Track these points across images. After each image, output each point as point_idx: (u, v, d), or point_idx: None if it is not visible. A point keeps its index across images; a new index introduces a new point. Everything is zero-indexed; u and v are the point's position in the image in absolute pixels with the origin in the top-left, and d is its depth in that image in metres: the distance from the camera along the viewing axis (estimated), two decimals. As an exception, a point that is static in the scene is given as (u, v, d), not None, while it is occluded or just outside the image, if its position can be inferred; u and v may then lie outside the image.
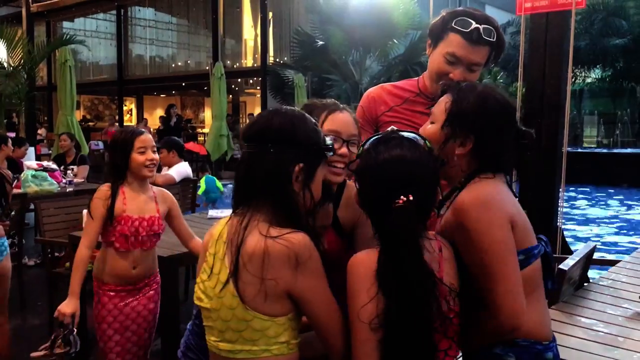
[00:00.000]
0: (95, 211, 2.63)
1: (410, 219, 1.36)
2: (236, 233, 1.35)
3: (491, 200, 1.47)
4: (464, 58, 1.95)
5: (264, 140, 1.39)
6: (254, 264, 1.30)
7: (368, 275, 1.35)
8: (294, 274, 1.30)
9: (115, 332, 2.65)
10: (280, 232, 1.32)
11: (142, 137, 2.67)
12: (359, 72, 14.38)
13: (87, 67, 22.59)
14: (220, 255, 1.38)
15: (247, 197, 1.40)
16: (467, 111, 1.53)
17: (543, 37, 4.18)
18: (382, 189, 1.39)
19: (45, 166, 6.18)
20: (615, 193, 12.75)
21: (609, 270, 3.15)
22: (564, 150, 4.07)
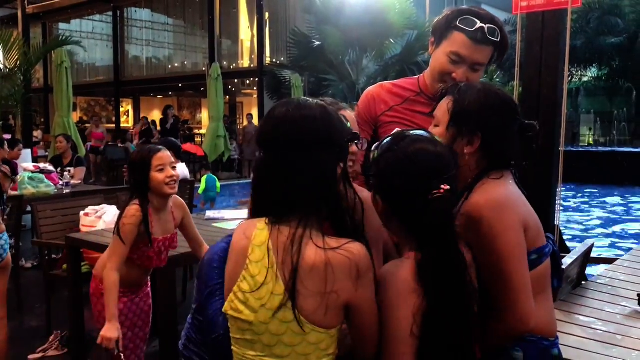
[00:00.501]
0: (129, 236, 2.57)
1: (451, 208, 1.34)
2: (290, 245, 1.25)
3: (505, 202, 1.48)
4: (468, 57, 1.92)
5: (301, 141, 1.29)
6: (315, 278, 1.23)
7: (407, 283, 1.30)
8: (355, 285, 1.24)
9: (128, 329, 2.71)
10: (339, 243, 1.25)
11: (159, 155, 2.62)
12: (355, 72, 14.40)
13: (84, 68, 22.55)
14: (268, 263, 1.27)
15: (289, 205, 1.29)
16: (471, 108, 1.53)
17: (539, 36, 4.19)
18: (416, 182, 1.34)
19: (41, 168, 6.17)
20: (612, 191, 12.77)
21: (607, 268, 3.15)
22: (560, 149, 4.07)
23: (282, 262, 1.25)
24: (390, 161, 1.38)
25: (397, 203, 1.37)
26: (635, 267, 3.12)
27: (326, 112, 1.32)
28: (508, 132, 1.54)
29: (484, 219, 1.43)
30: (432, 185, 1.32)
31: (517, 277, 1.42)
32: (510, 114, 1.56)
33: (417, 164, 1.35)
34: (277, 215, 1.30)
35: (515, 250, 1.44)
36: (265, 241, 1.28)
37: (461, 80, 1.91)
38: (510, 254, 1.43)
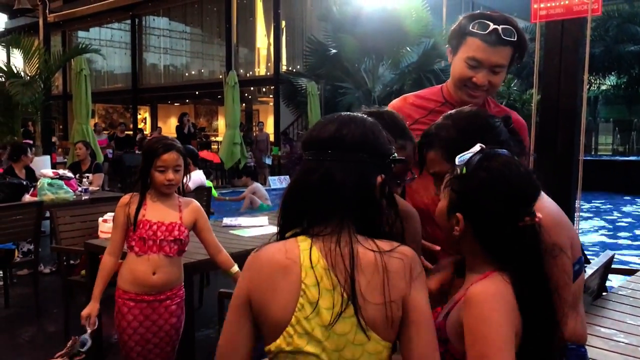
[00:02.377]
0: (116, 219, 2.71)
1: (540, 238, 1.30)
2: (340, 255, 1.17)
3: (562, 217, 1.52)
4: (485, 61, 1.92)
5: (343, 146, 1.24)
6: (374, 286, 1.16)
7: (510, 302, 1.25)
8: (408, 288, 1.18)
9: (137, 343, 2.64)
10: (391, 245, 1.20)
11: (164, 157, 2.62)
12: (371, 80, 14.40)
13: (102, 76, 22.82)
14: (328, 285, 1.17)
15: (327, 210, 1.22)
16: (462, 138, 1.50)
17: (558, 45, 4.16)
18: (510, 206, 1.28)
19: (61, 174, 6.23)
20: (633, 201, 12.61)
21: (628, 279, 3.11)
22: (580, 158, 4.03)
23: (339, 275, 1.17)
24: (485, 181, 1.31)
25: (483, 225, 1.30)
26: (657, 279, 3.07)
27: (377, 125, 1.30)
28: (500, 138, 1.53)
29: (550, 235, 1.39)
30: (523, 211, 1.29)
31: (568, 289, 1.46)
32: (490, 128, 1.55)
33: (513, 187, 1.30)
34: (313, 224, 1.23)
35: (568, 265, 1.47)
36: (315, 260, 1.18)
37: (482, 84, 1.93)
38: (567, 268, 1.46)
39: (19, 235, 5.05)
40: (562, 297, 1.40)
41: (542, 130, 4.33)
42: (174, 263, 2.72)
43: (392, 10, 13.21)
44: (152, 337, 2.66)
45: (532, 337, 1.25)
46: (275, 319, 1.19)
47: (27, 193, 5.68)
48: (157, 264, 2.65)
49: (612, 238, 9.04)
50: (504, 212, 1.28)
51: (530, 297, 1.26)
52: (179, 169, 2.68)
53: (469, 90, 1.98)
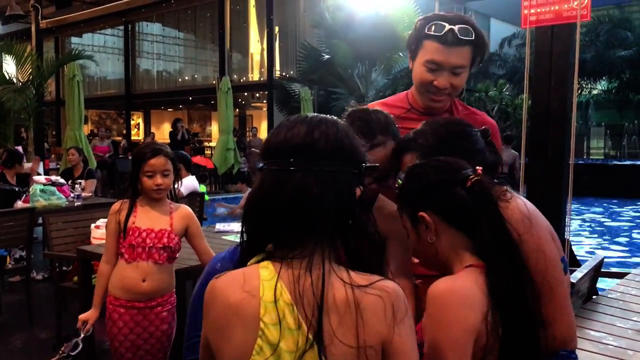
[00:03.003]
0: (108, 227, 2.72)
1: (490, 188, 1.35)
2: (309, 287, 1.00)
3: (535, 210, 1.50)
4: (444, 63, 1.88)
5: (318, 154, 1.05)
6: (347, 327, 0.99)
7: (467, 303, 1.24)
8: (390, 331, 1.01)
9: (127, 350, 2.64)
10: (368, 280, 1.02)
11: (151, 162, 2.63)
12: (364, 86, 14.45)
13: (95, 82, 22.76)
14: (291, 324, 0.99)
15: (302, 230, 1.04)
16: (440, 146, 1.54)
17: (548, 50, 4.19)
18: (451, 173, 1.36)
19: (53, 180, 6.21)
20: (623, 205, 12.68)
21: (618, 282, 3.13)
22: (570, 162, 4.06)
23: (305, 311, 0.99)
24: (419, 171, 1.41)
25: (442, 203, 1.35)
26: (646, 282, 3.10)
27: (351, 131, 1.13)
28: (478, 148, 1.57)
29: (530, 234, 1.43)
30: (467, 173, 1.35)
31: (560, 282, 1.46)
32: (467, 136, 1.58)
33: (442, 162, 1.39)
34: (284, 249, 1.04)
35: (557, 258, 1.48)
36: (280, 292, 1.01)
37: (444, 87, 1.90)
38: (554, 260, 1.46)
39: (11, 241, 5.03)
40: (553, 289, 1.42)
41: (533, 135, 4.37)
42: (164, 270, 2.70)
43: (384, 16, 13.27)
44: (143, 344, 2.65)
45: (510, 333, 1.25)
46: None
47: (19, 199, 5.67)
48: (146, 271, 2.64)
49: (601, 241, 9.09)
50: (447, 180, 1.34)
51: (505, 287, 1.25)
52: (167, 174, 2.68)
53: (432, 95, 1.95)
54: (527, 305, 1.28)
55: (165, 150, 2.71)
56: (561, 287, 1.46)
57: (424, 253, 1.42)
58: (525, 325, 1.27)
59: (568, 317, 1.47)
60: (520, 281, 1.28)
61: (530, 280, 1.31)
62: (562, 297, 1.46)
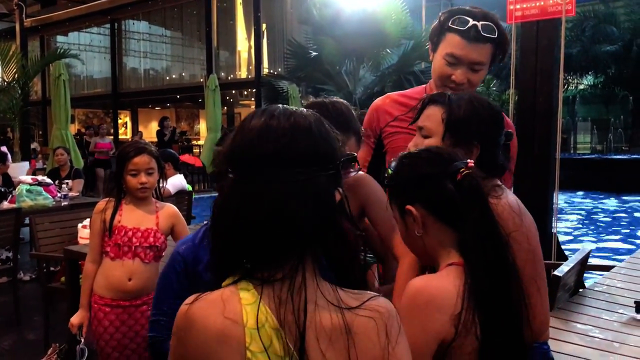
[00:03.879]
0: (93, 226, 2.70)
1: (480, 183, 1.31)
2: (291, 310, 0.92)
3: (523, 207, 1.51)
4: (464, 58, 1.86)
5: (291, 162, 0.94)
6: (338, 351, 0.91)
7: (436, 304, 1.22)
8: (384, 353, 0.93)
9: (114, 349, 2.62)
10: (359, 299, 0.95)
11: (135, 160, 2.62)
12: (352, 82, 14.44)
13: (82, 80, 22.58)
14: (279, 350, 0.91)
15: (280, 250, 0.94)
16: (467, 118, 1.52)
17: (534, 45, 4.22)
18: (440, 165, 1.33)
19: (39, 180, 6.17)
20: (609, 199, 12.78)
21: (604, 275, 3.16)
22: (557, 157, 4.09)
23: (290, 335, 0.92)
24: (408, 163, 1.38)
25: (430, 196, 1.32)
26: (632, 275, 3.13)
27: (322, 123, 1.01)
28: (499, 141, 1.56)
29: (532, 232, 1.46)
30: (458, 165, 1.31)
31: (544, 283, 1.48)
32: (501, 123, 1.58)
33: (433, 153, 1.37)
34: (264, 268, 0.94)
35: (541, 257, 1.50)
36: (265, 317, 0.92)
37: (461, 82, 1.89)
38: (541, 257, 1.49)
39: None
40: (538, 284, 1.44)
41: (520, 130, 4.39)
42: (150, 269, 2.68)
43: (371, 13, 13.26)
44: (129, 343, 2.64)
45: (491, 334, 1.23)
46: None
47: (5, 200, 5.62)
48: (132, 269, 2.63)
49: (588, 235, 9.17)
50: (437, 172, 1.31)
51: (486, 287, 1.24)
52: (152, 172, 2.67)
53: (448, 89, 1.92)
54: (512, 305, 1.27)
55: (149, 148, 2.71)
56: (544, 284, 1.49)
57: (412, 245, 1.41)
58: (508, 325, 1.26)
59: (545, 311, 1.49)
60: (505, 280, 1.26)
61: (517, 280, 1.29)
62: (544, 294, 1.48)
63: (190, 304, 0.95)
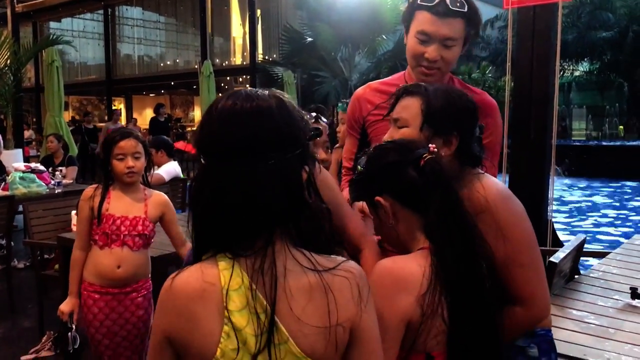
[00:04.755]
0: (81, 213, 2.67)
1: (444, 167, 1.34)
2: (269, 275, 1.00)
3: (511, 193, 1.50)
4: (435, 34, 1.85)
5: (256, 147, 1.01)
6: (317, 308, 1.01)
7: (400, 286, 1.24)
8: (358, 310, 1.04)
9: (104, 336, 2.61)
10: (334, 262, 1.05)
11: (121, 144, 2.60)
12: (348, 69, 14.40)
13: (75, 67, 22.43)
14: (260, 307, 1.01)
15: (251, 228, 1.02)
16: (446, 109, 1.51)
17: (530, 31, 4.19)
18: (404, 154, 1.36)
19: (33, 168, 6.13)
20: (604, 185, 12.82)
21: (600, 262, 3.16)
22: (552, 143, 4.08)
23: (267, 297, 1.00)
24: (374, 155, 1.41)
25: (396, 185, 1.35)
26: (627, 261, 3.13)
27: (283, 104, 1.06)
28: (475, 132, 1.57)
29: (499, 210, 1.43)
30: (420, 152, 1.34)
31: (537, 265, 1.45)
32: (476, 115, 1.57)
33: (398, 144, 1.42)
34: (238, 244, 1.03)
35: (532, 238, 1.47)
36: (239, 281, 1.01)
37: (434, 59, 1.87)
38: (529, 243, 1.45)
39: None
40: (527, 269, 1.42)
41: (516, 116, 4.37)
42: (139, 256, 2.68)
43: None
44: (119, 330, 2.63)
45: (458, 316, 1.24)
46: (199, 353, 1.01)
47: (-2, 187, 5.59)
48: (121, 257, 2.61)
49: (584, 221, 9.20)
50: (401, 160, 1.35)
51: (451, 269, 1.25)
52: (138, 156, 2.64)
53: (423, 69, 1.92)
54: (479, 286, 1.27)
55: (136, 133, 2.70)
56: (540, 263, 1.47)
57: (387, 237, 1.43)
58: (476, 307, 1.26)
59: (545, 294, 1.47)
60: (470, 261, 1.28)
61: (486, 261, 1.31)
62: (542, 279, 1.46)
63: (173, 277, 1.04)
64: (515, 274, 1.42)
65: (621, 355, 1.93)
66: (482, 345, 1.27)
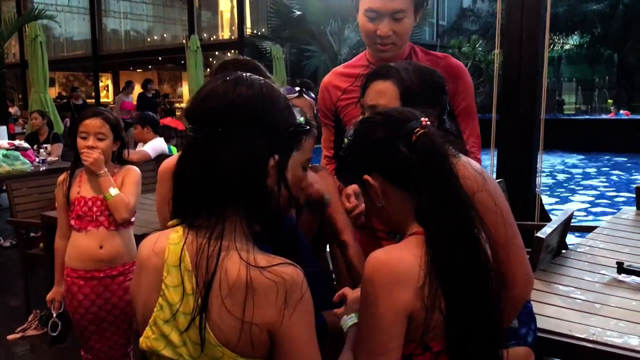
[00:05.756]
0: (57, 200, 2.64)
1: (440, 140, 1.24)
2: (205, 256, 1.03)
3: (486, 172, 1.45)
4: (383, 9, 1.84)
5: (229, 123, 1.06)
6: (236, 300, 1.02)
7: (398, 276, 1.15)
8: (279, 317, 1.02)
9: (90, 323, 2.55)
10: (269, 262, 1.03)
11: (86, 122, 2.51)
12: (337, 43, 14.26)
13: (61, 43, 22.08)
14: (189, 289, 1.04)
15: (208, 201, 1.07)
16: (423, 88, 1.49)
17: (520, 4, 4.14)
18: (395, 128, 1.24)
19: (17, 145, 6.04)
20: (592, 159, 12.87)
21: (586, 236, 3.16)
22: (541, 117, 4.05)
23: (200, 278, 1.03)
24: (362, 130, 1.30)
25: (386, 163, 1.24)
26: (614, 235, 3.12)
27: (271, 94, 1.11)
28: (447, 106, 1.56)
29: (486, 191, 1.37)
30: (411, 126, 1.23)
31: (520, 243, 1.43)
32: (445, 89, 1.55)
33: (387, 116, 1.29)
34: (193, 216, 1.08)
35: (511, 215, 1.44)
36: (184, 257, 1.05)
37: (386, 34, 1.87)
38: (512, 220, 1.43)
39: (-26, 209, 4.91)
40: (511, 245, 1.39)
41: (505, 90, 4.34)
42: (121, 235, 2.60)
43: (356, -29, 13.03)
44: (106, 315, 2.57)
45: (455, 306, 1.16)
46: (141, 316, 1.11)
47: (-18, 165, 5.50)
48: (100, 237, 2.54)
49: (571, 195, 9.24)
50: (391, 136, 1.23)
51: (447, 256, 1.16)
52: (102, 138, 2.53)
53: (378, 46, 1.92)
54: (478, 275, 1.19)
55: (106, 114, 2.58)
56: (518, 241, 1.43)
57: (378, 216, 1.33)
58: (475, 297, 1.18)
59: (526, 271, 1.44)
60: (468, 248, 1.19)
61: (484, 245, 1.22)
62: (520, 251, 1.43)
63: (142, 241, 1.15)
64: (514, 256, 1.40)
65: (606, 330, 1.92)
66: (482, 334, 1.21)
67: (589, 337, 1.87)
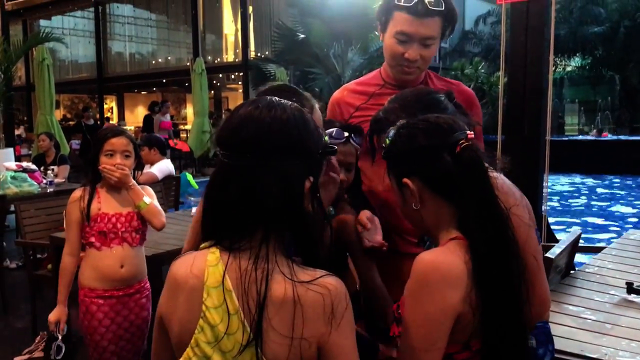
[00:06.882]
0: (70, 216, 2.59)
1: (481, 156, 1.26)
2: (253, 279, 1.04)
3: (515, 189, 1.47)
4: (415, 34, 1.85)
5: (269, 150, 1.08)
6: (283, 318, 1.03)
7: (449, 280, 1.18)
8: (328, 328, 1.04)
9: (110, 342, 2.55)
10: (312, 275, 1.06)
11: (112, 140, 2.56)
12: (341, 65, 14.36)
13: (66, 65, 22.28)
14: (232, 309, 1.05)
15: (248, 225, 1.09)
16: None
17: (524, 26, 4.18)
18: (439, 137, 1.26)
19: (24, 167, 6.08)
20: (599, 180, 12.86)
21: (595, 257, 3.16)
22: (547, 138, 4.07)
23: (246, 301, 1.04)
24: (407, 133, 1.31)
25: (428, 170, 1.27)
26: (622, 255, 3.12)
27: (302, 117, 1.14)
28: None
29: (522, 206, 1.40)
30: (457, 137, 1.25)
31: (541, 262, 1.44)
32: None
33: (432, 123, 1.30)
34: (232, 238, 1.09)
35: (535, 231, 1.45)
36: (220, 279, 1.06)
37: (414, 59, 1.88)
38: (535, 237, 1.43)
39: (-18, 230, 4.92)
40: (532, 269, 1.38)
41: (510, 112, 4.37)
42: (138, 254, 2.64)
43: (359, -6, 13.16)
44: (124, 333, 2.58)
45: (493, 314, 1.19)
46: (177, 337, 1.10)
47: (-11, 187, 5.53)
48: (122, 256, 2.56)
49: (578, 217, 9.22)
50: (435, 145, 1.26)
51: (489, 265, 1.19)
52: (128, 155, 2.59)
53: (403, 67, 1.93)
54: (513, 284, 1.23)
55: (128, 133, 2.66)
56: (541, 261, 1.46)
57: (409, 217, 1.36)
58: (510, 306, 1.22)
59: (544, 290, 1.46)
60: (505, 258, 1.22)
61: (518, 257, 1.25)
62: (541, 271, 1.45)
63: (175, 258, 1.16)
64: (537, 274, 1.41)
65: (618, 350, 1.92)
66: (514, 336, 1.25)
67: (602, 358, 1.86)
